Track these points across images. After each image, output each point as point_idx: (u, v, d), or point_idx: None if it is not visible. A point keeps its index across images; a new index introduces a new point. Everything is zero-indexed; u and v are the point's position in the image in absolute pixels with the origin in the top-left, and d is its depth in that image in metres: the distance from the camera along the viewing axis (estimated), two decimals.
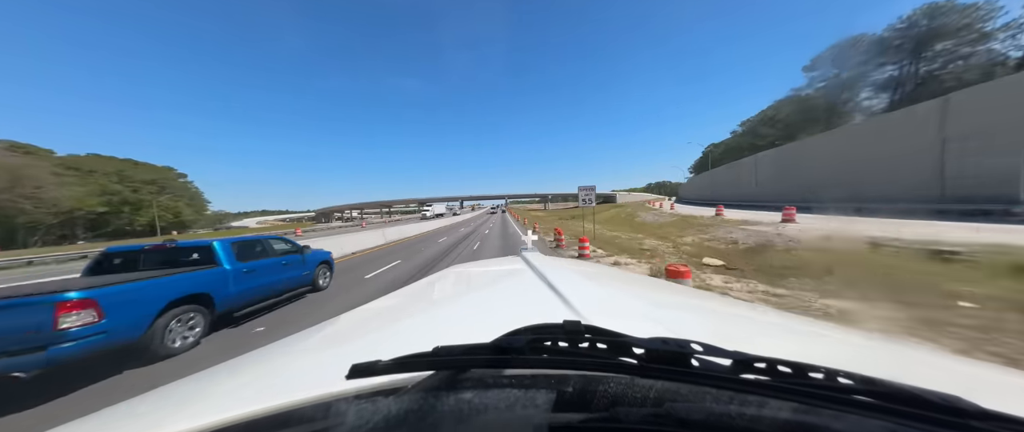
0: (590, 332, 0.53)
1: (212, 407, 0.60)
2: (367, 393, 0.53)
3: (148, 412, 0.69)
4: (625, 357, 0.47)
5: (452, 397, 0.47)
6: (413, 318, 1.27)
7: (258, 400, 0.57)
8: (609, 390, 0.45)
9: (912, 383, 0.39)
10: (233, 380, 0.82)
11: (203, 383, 0.82)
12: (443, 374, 0.52)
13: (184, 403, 0.71)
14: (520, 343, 0.51)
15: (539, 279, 1.45)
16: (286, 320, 5.87)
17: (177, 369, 4.11)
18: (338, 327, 1.22)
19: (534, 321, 0.61)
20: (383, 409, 0.46)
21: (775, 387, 0.40)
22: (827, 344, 0.89)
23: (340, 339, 1.09)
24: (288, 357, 0.95)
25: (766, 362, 0.43)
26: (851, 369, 0.42)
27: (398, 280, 9.06)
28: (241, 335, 5.16)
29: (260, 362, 0.94)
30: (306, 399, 0.55)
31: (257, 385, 0.76)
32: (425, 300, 1.55)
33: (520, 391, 0.47)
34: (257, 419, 0.52)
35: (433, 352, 0.53)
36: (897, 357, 0.80)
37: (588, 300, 1.07)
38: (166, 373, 4.01)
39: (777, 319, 1.10)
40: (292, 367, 0.88)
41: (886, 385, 0.39)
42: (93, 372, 3.89)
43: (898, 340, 0.93)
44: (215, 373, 0.88)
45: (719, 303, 1.35)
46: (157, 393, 0.79)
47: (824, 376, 0.41)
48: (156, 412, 0.68)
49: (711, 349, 0.46)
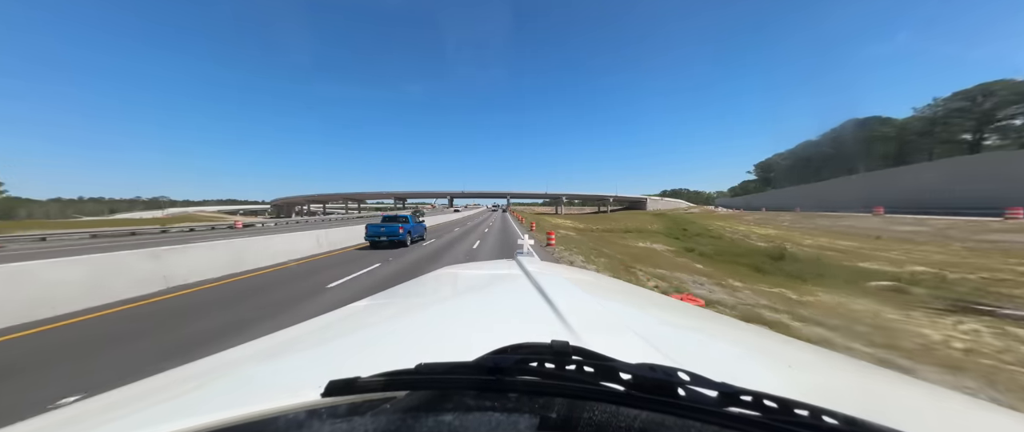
0: (578, 354, 0.52)
1: (173, 413, 0.56)
2: (343, 408, 0.51)
3: (99, 415, 0.64)
4: (612, 382, 0.46)
5: (432, 418, 0.45)
6: (400, 321, 1.26)
7: (226, 408, 0.54)
8: (594, 417, 0.44)
9: (898, 426, 0.39)
10: (200, 384, 0.78)
11: (168, 385, 0.78)
12: (425, 393, 0.51)
13: (145, 407, 0.67)
14: (506, 364, 0.50)
15: (533, 287, 1.42)
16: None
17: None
18: (321, 326, 1.20)
19: (524, 332, 0.60)
20: (358, 428, 0.45)
21: (760, 423, 0.40)
22: (818, 372, 0.88)
23: (321, 340, 1.08)
24: (262, 361, 0.92)
25: (752, 396, 0.42)
26: (841, 404, 0.42)
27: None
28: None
29: (231, 364, 0.89)
30: (278, 409, 0.53)
31: (226, 390, 0.72)
32: (414, 302, 1.53)
33: (503, 415, 0.46)
34: (223, 429, 0.50)
35: (415, 370, 0.52)
36: (889, 392, 0.78)
37: (581, 313, 1.04)
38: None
39: (776, 345, 1.07)
40: (267, 371, 0.83)
41: (869, 427, 0.39)
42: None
43: (892, 373, 0.88)
44: (182, 374, 0.84)
45: (717, 324, 1.33)
46: (116, 393, 0.74)
47: (809, 414, 0.41)
48: (111, 416, 0.63)
49: (698, 379, 0.46)
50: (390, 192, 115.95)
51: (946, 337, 4.86)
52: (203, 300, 6.79)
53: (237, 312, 5.95)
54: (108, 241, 22.40)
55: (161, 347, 4.48)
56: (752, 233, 24.43)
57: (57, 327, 5.22)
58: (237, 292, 7.43)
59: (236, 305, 6.40)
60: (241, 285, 8.13)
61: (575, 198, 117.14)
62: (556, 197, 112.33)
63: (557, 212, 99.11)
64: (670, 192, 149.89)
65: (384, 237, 14.00)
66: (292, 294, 7.25)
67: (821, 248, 15.88)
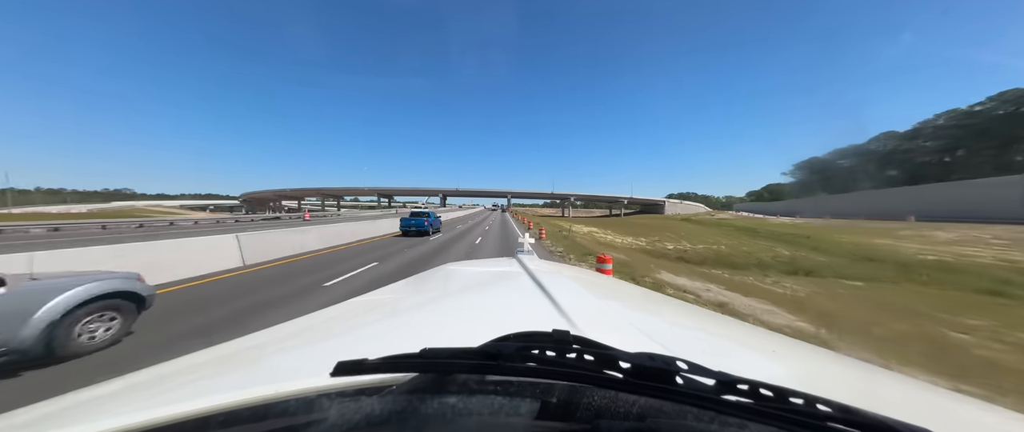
0: (578, 343, 0.53)
1: (192, 394, 0.59)
2: (351, 390, 0.53)
3: (122, 395, 0.68)
4: (611, 370, 0.47)
5: (436, 400, 0.47)
6: (403, 315, 1.29)
7: (240, 390, 0.56)
8: (593, 402, 0.45)
9: (890, 415, 0.41)
10: (215, 368, 0.82)
11: (185, 369, 0.82)
12: (429, 376, 0.53)
13: (164, 389, 0.71)
14: (508, 350, 0.51)
15: (534, 284, 1.44)
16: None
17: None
18: (326, 319, 1.23)
19: (526, 325, 0.62)
20: (366, 408, 0.47)
21: (755, 410, 0.41)
22: (813, 367, 0.90)
23: (327, 332, 1.10)
24: (274, 347, 0.96)
25: (748, 384, 0.44)
26: (834, 396, 0.43)
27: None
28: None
29: (244, 350, 0.94)
30: (289, 392, 0.55)
31: (239, 374, 0.76)
32: (416, 297, 1.56)
33: (505, 398, 0.47)
34: (238, 409, 0.52)
35: (420, 354, 0.53)
36: (879, 385, 0.81)
37: (581, 309, 1.05)
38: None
39: (770, 341, 1.08)
40: (277, 358, 0.88)
41: (863, 415, 0.40)
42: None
43: (887, 368, 0.92)
44: (197, 359, 0.87)
45: (714, 321, 1.35)
46: (137, 375, 0.78)
47: (804, 402, 0.42)
48: (133, 396, 0.68)
49: (696, 368, 0.47)
50: (373, 188, 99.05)
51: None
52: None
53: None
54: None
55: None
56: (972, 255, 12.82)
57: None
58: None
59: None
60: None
61: (583, 199, 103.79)
62: (563, 198, 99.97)
63: (564, 215, 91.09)
64: (678, 195, 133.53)
65: (413, 228, 20.35)
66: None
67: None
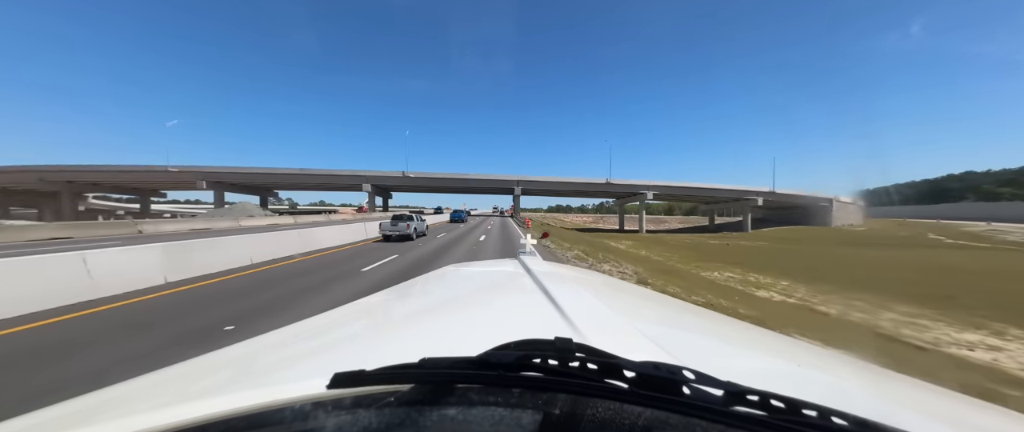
0: (581, 351, 0.51)
1: (185, 403, 0.58)
2: (348, 400, 0.52)
3: (112, 405, 0.67)
4: (616, 380, 0.45)
5: (436, 412, 0.46)
6: (403, 319, 1.27)
7: (235, 399, 0.56)
8: (597, 415, 0.43)
9: (910, 430, 0.39)
10: (210, 375, 0.81)
11: (176, 376, 0.80)
12: (428, 387, 0.51)
13: (155, 397, 0.70)
14: (509, 359, 0.49)
15: (536, 286, 1.40)
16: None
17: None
18: (325, 323, 1.22)
19: (528, 330, 0.59)
20: (363, 420, 0.46)
21: (767, 424, 0.39)
22: (830, 375, 0.86)
23: (326, 337, 1.09)
24: (270, 354, 0.94)
25: (759, 395, 0.41)
26: (851, 408, 0.41)
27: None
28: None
29: (239, 358, 0.92)
30: (285, 400, 0.55)
31: (234, 382, 0.75)
32: (418, 300, 1.54)
33: (506, 410, 0.46)
34: (232, 418, 0.52)
35: (419, 364, 0.52)
36: (901, 395, 0.78)
37: (585, 312, 1.02)
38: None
39: (785, 346, 1.03)
40: (273, 365, 0.86)
41: (880, 430, 0.39)
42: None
43: (906, 377, 0.86)
44: (189, 367, 0.86)
45: (725, 325, 1.32)
46: (129, 385, 0.77)
47: (817, 415, 0.39)
48: (124, 405, 0.66)
49: (703, 378, 0.44)
50: (317, 173, 55.77)
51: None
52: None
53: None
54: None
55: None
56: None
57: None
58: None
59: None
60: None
61: (664, 193, 56.62)
62: (632, 192, 55.80)
63: (622, 228, 58.22)
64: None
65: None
66: None
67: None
